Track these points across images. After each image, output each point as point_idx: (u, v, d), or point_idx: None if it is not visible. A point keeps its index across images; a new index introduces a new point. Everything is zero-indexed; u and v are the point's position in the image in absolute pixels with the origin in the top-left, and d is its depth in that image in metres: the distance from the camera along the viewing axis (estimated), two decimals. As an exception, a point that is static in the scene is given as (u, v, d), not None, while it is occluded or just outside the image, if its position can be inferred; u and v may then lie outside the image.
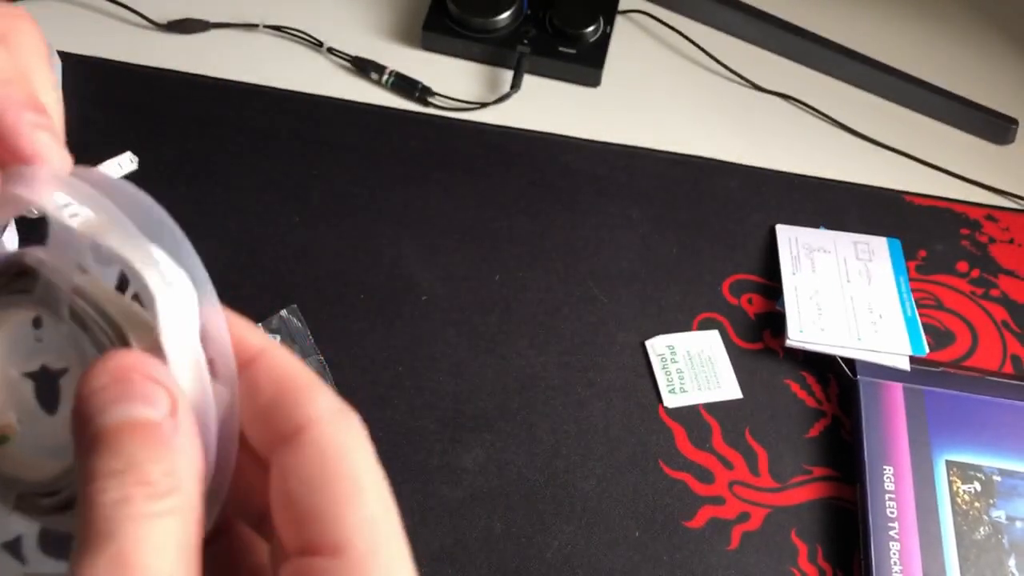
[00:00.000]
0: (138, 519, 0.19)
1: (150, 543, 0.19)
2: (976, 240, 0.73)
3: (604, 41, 0.81)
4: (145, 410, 0.20)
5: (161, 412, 0.21)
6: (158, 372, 0.21)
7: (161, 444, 0.20)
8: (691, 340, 0.66)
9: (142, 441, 0.20)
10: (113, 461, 0.20)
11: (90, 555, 0.19)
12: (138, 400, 0.21)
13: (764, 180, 0.75)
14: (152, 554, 0.19)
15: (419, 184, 0.73)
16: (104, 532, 0.19)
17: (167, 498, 0.20)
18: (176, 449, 0.20)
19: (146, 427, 0.20)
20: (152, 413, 0.21)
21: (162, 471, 0.20)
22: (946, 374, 0.64)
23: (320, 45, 0.80)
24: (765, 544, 0.59)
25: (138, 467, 0.20)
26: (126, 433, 0.20)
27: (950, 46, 0.86)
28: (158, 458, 0.20)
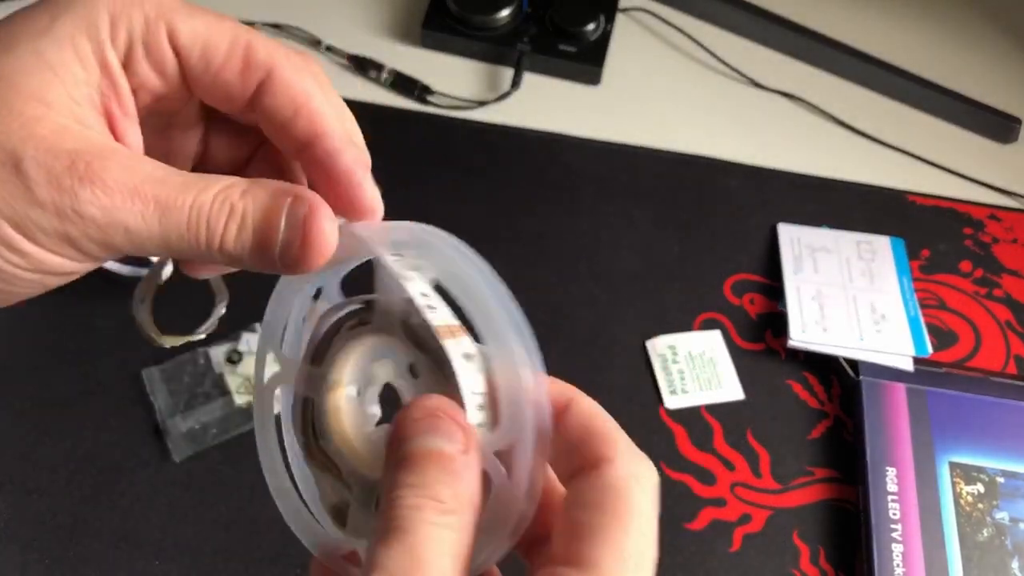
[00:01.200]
0: (427, 524, 0.25)
1: (435, 543, 0.25)
2: (979, 240, 0.72)
3: (605, 39, 0.80)
4: (445, 444, 0.26)
5: (456, 448, 0.26)
6: (460, 417, 0.27)
7: (451, 473, 0.26)
8: (692, 340, 0.66)
9: (438, 467, 0.26)
10: (413, 477, 0.25)
11: (388, 543, 0.24)
12: (441, 435, 0.26)
13: (766, 179, 0.75)
14: (436, 552, 0.24)
15: (418, 183, 0.72)
16: (401, 528, 0.25)
17: (450, 515, 0.25)
18: (462, 479, 0.26)
19: (443, 457, 0.26)
20: (449, 448, 0.26)
21: (450, 493, 0.25)
22: (949, 375, 0.64)
23: (318, 43, 0.80)
24: (767, 546, 0.58)
25: (432, 486, 0.25)
26: (428, 459, 0.26)
27: (954, 45, 0.85)
28: (448, 483, 0.26)
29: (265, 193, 0.29)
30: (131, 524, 0.56)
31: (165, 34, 0.29)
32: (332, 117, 0.30)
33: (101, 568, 0.55)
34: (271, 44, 0.30)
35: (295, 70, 0.30)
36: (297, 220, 0.28)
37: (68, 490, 0.57)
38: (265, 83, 0.30)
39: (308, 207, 0.28)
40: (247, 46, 0.30)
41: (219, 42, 0.29)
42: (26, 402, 0.60)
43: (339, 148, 0.30)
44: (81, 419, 0.60)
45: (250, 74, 0.30)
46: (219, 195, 0.28)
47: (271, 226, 0.28)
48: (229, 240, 0.28)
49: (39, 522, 0.56)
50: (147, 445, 0.59)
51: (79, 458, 0.58)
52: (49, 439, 0.59)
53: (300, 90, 0.30)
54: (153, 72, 0.29)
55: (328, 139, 0.30)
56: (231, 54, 0.29)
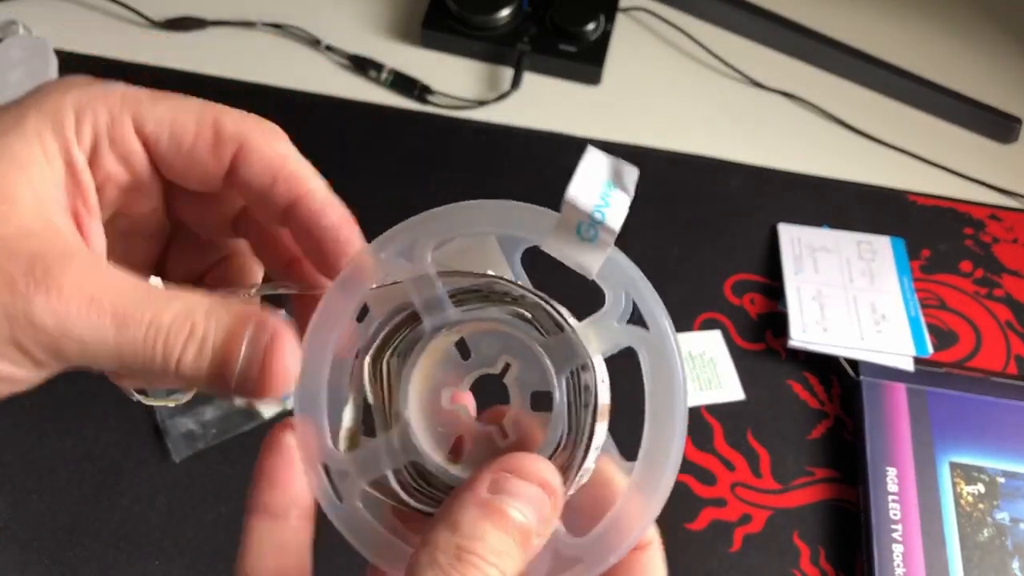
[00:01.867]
0: None
1: None
2: (980, 240, 0.72)
3: (605, 39, 0.80)
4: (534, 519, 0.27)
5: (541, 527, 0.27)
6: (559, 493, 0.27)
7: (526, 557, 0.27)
8: (693, 340, 0.66)
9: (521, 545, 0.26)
10: (501, 543, 0.26)
11: None
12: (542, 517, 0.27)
13: (766, 179, 0.75)
14: None
15: (418, 183, 0.72)
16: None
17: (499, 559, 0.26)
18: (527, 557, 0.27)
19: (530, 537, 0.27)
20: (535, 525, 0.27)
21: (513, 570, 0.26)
22: (950, 375, 0.64)
23: (318, 43, 0.80)
24: (767, 546, 0.58)
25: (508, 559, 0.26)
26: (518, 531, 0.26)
27: (954, 44, 0.85)
28: (519, 565, 0.26)
29: (228, 316, 0.28)
30: (131, 524, 0.56)
31: (131, 125, 0.29)
32: (311, 178, 0.31)
33: (101, 568, 0.55)
34: (238, 115, 0.30)
35: (266, 137, 0.30)
36: (258, 346, 0.27)
37: (68, 490, 0.57)
38: (239, 155, 0.30)
39: (271, 334, 0.27)
40: (215, 121, 0.30)
41: (186, 122, 0.29)
42: (26, 402, 0.60)
43: (322, 208, 0.30)
44: (81, 419, 0.60)
45: (222, 148, 0.30)
46: (181, 313, 0.27)
47: (231, 351, 0.27)
48: (186, 361, 0.27)
49: (39, 522, 0.56)
50: (147, 445, 0.59)
51: (79, 458, 0.58)
52: (49, 439, 0.59)
53: (275, 155, 0.30)
54: (120, 165, 0.29)
55: (310, 199, 0.30)
56: (200, 132, 0.29)
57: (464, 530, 0.26)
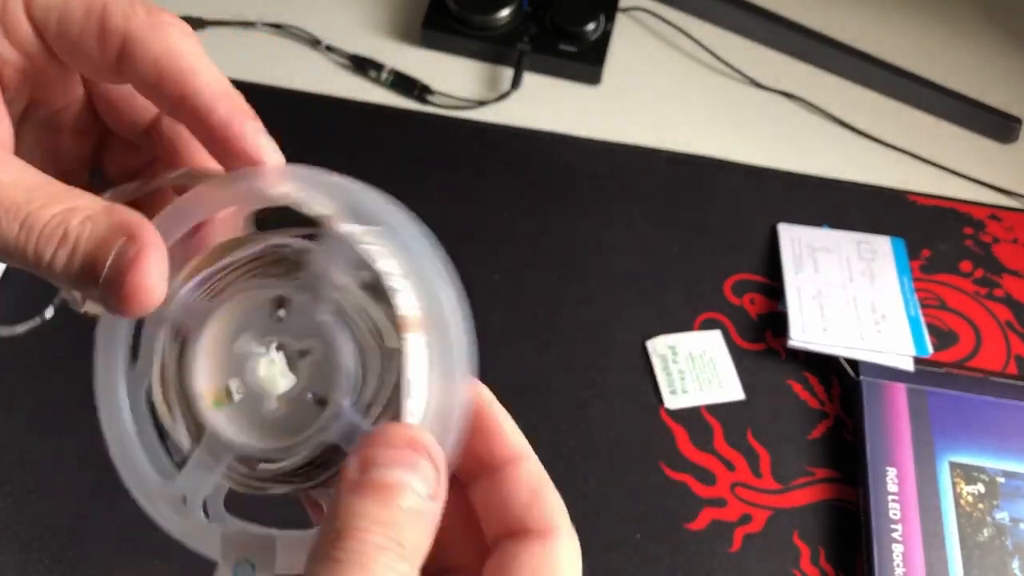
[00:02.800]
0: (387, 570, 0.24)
1: None
2: (980, 240, 0.72)
3: (605, 38, 0.80)
4: (420, 487, 0.25)
5: (427, 492, 0.25)
6: (439, 458, 0.26)
7: (420, 519, 0.25)
8: (693, 340, 0.66)
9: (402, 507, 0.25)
10: (383, 513, 0.24)
11: None
12: (420, 476, 0.25)
13: (766, 179, 0.75)
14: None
15: (418, 183, 0.72)
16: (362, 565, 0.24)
17: (405, 563, 0.24)
18: (427, 527, 0.25)
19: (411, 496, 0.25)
20: (423, 492, 0.25)
21: (411, 540, 0.24)
22: (950, 375, 0.64)
23: (318, 43, 0.80)
24: (767, 546, 0.58)
25: (399, 528, 0.24)
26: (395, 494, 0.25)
27: (954, 44, 0.85)
28: (415, 529, 0.25)
29: (105, 224, 0.27)
30: (131, 524, 0.56)
31: (22, 8, 0.28)
32: (201, 72, 0.29)
33: (101, 568, 0.55)
34: (129, 7, 0.29)
35: (155, 31, 0.29)
36: (123, 259, 0.26)
37: (68, 490, 0.57)
38: (124, 48, 0.29)
39: (138, 249, 0.26)
40: (102, 11, 0.29)
41: (74, 10, 0.29)
42: (26, 402, 0.60)
43: (209, 104, 0.29)
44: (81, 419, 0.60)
45: (108, 40, 0.29)
46: (57, 216, 0.27)
47: (98, 260, 0.27)
48: (57, 265, 0.27)
49: (39, 522, 0.56)
50: (147, 445, 0.59)
51: (79, 458, 0.58)
52: (49, 439, 0.59)
53: (161, 50, 0.29)
54: (13, 50, 0.29)
55: (197, 96, 0.29)
56: (86, 22, 0.29)
57: (341, 513, 0.24)
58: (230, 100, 0.29)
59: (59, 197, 0.27)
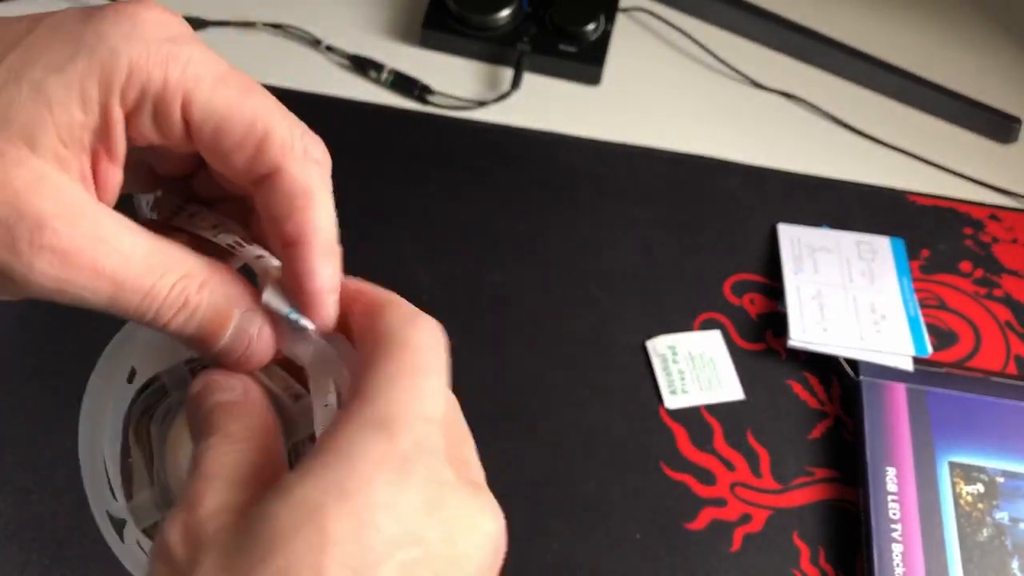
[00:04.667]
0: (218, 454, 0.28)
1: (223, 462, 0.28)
2: (979, 240, 0.72)
3: (605, 39, 0.80)
4: (226, 395, 0.30)
5: (237, 394, 0.30)
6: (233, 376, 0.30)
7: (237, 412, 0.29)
8: (692, 340, 0.66)
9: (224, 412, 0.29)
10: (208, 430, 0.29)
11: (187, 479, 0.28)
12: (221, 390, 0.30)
13: (766, 179, 0.75)
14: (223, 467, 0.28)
15: (418, 183, 0.72)
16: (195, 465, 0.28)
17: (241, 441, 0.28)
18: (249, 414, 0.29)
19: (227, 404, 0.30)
20: (230, 396, 0.30)
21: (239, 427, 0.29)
22: (949, 375, 0.64)
23: (318, 43, 0.80)
24: (767, 546, 0.58)
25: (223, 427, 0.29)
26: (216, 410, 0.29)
27: (953, 44, 0.85)
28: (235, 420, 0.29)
29: (221, 294, 0.30)
30: (131, 524, 0.56)
31: (180, 103, 0.28)
32: (321, 230, 0.30)
33: (101, 568, 0.55)
34: (287, 137, 0.29)
35: (303, 171, 0.30)
36: (243, 334, 0.30)
37: (68, 490, 0.57)
38: (270, 178, 0.29)
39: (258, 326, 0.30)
40: (263, 137, 0.29)
41: (235, 126, 0.29)
42: (26, 402, 0.60)
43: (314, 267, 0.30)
44: (81, 419, 0.60)
45: (258, 166, 0.29)
46: (178, 285, 0.29)
47: (217, 331, 0.30)
48: (173, 327, 0.29)
49: (39, 522, 0.56)
50: (147, 445, 0.59)
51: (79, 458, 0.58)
52: (49, 439, 0.59)
53: (300, 193, 0.29)
54: (156, 133, 0.29)
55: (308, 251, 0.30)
56: (244, 142, 0.29)
57: None
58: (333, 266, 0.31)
59: (172, 265, 0.29)
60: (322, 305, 0.30)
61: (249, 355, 0.30)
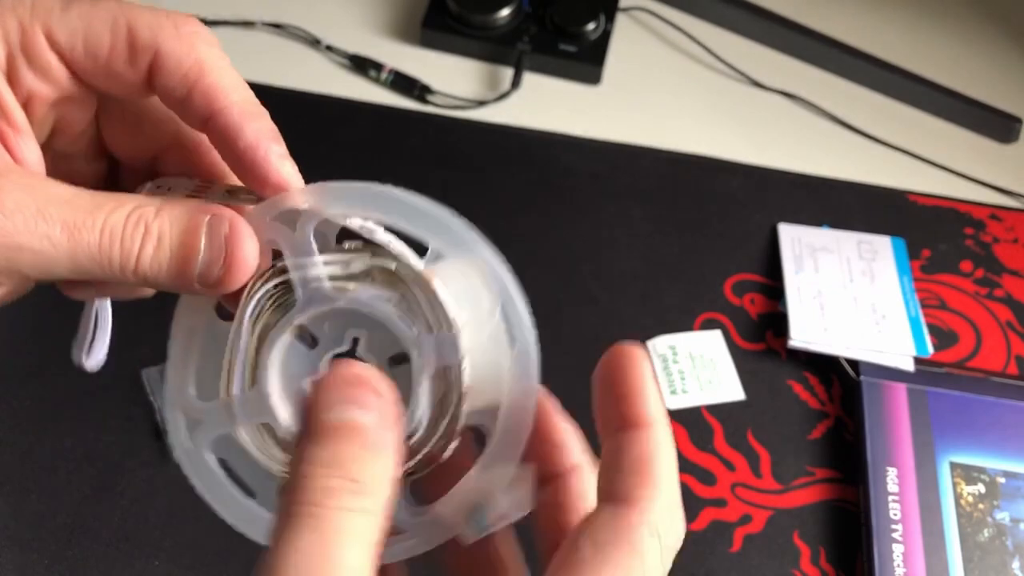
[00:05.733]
0: (341, 510, 0.22)
1: (347, 533, 0.22)
2: (980, 240, 0.72)
3: (605, 38, 0.80)
4: (361, 415, 0.24)
5: (373, 419, 0.24)
6: (382, 386, 0.25)
7: (368, 448, 0.23)
8: (693, 340, 0.66)
9: (353, 442, 0.23)
10: (326, 453, 0.23)
11: (295, 531, 0.22)
12: (357, 405, 0.24)
13: (766, 179, 0.75)
14: (348, 543, 0.22)
15: (418, 183, 0.72)
16: (311, 515, 0.22)
17: (365, 498, 0.23)
18: (380, 456, 0.24)
19: (359, 431, 0.23)
20: (366, 419, 0.24)
21: (366, 473, 0.23)
22: (950, 375, 0.64)
23: (318, 43, 0.80)
24: (767, 546, 0.58)
25: (346, 464, 0.23)
26: (342, 432, 0.23)
27: (954, 44, 0.85)
28: (365, 460, 0.23)
29: (182, 211, 0.28)
30: (131, 524, 0.56)
31: (43, 37, 0.28)
32: (229, 89, 0.28)
33: (101, 568, 0.55)
34: (154, 19, 0.28)
35: (183, 43, 0.28)
36: (218, 239, 0.27)
37: (68, 490, 0.57)
38: (154, 63, 0.28)
39: (229, 225, 0.27)
40: (129, 28, 0.28)
41: (100, 31, 0.28)
42: (26, 402, 0.60)
43: (238, 122, 0.28)
44: (81, 419, 0.60)
45: (138, 57, 0.28)
46: (133, 214, 0.27)
47: (191, 245, 0.27)
48: (145, 261, 0.27)
49: (39, 522, 0.56)
50: (147, 445, 0.59)
51: (79, 458, 0.58)
52: (49, 439, 0.59)
53: (191, 64, 0.28)
54: (40, 80, 0.28)
55: (225, 114, 0.28)
56: (114, 42, 0.28)
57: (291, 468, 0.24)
58: (257, 121, 0.29)
59: (123, 198, 0.27)
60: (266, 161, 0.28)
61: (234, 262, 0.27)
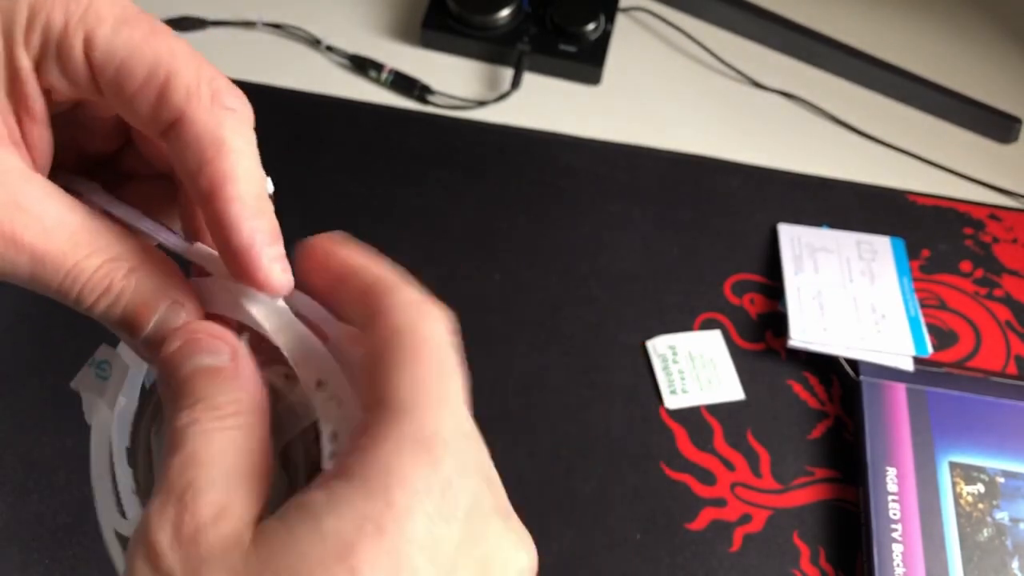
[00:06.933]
0: (205, 432, 0.24)
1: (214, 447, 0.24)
2: (979, 240, 0.72)
3: (605, 39, 0.80)
4: (210, 359, 0.26)
5: (224, 359, 0.26)
6: (219, 331, 0.27)
7: (224, 380, 0.25)
8: (692, 340, 0.66)
9: (208, 380, 0.25)
10: (186, 399, 0.25)
11: (167, 459, 0.24)
12: (205, 352, 0.26)
13: (766, 179, 0.75)
14: (216, 453, 0.24)
15: (418, 183, 0.72)
16: (178, 443, 0.24)
17: (231, 418, 0.25)
18: (239, 384, 0.26)
19: (211, 370, 0.26)
20: (216, 360, 0.26)
21: (227, 399, 0.25)
22: (949, 375, 0.64)
23: (318, 43, 0.80)
24: (767, 546, 0.58)
25: (207, 399, 0.25)
26: (196, 376, 0.26)
27: (954, 44, 0.85)
28: (223, 390, 0.25)
29: (148, 285, 0.27)
30: (131, 524, 0.56)
31: (81, 43, 0.27)
32: (240, 181, 0.27)
33: (101, 568, 0.55)
34: (195, 79, 0.27)
35: (213, 117, 0.27)
36: (165, 327, 0.27)
37: (68, 490, 0.57)
38: (176, 125, 0.27)
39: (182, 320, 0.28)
40: (166, 80, 0.27)
41: (137, 68, 0.27)
42: (26, 402, 0.60)
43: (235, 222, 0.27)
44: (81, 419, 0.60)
45: (162, 112, 0.27)
46: (102, 268, 0.27)
47: (140, 321, 0.28)
48: (97, 311, 0.28)
49: (39, 522, 0.56)
50: (147, 445, 0.59)
51: (79, 458, 0.58)
52: (49, 439, 0.59)
53: (210, 142, 0.27)
54: (63, 79, 0.27)
55: (226, 206, 0.27)
56: (146, 85, 0.27)
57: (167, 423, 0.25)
58: (257, 221, 0.28)
59: (101, 245, 0.27)
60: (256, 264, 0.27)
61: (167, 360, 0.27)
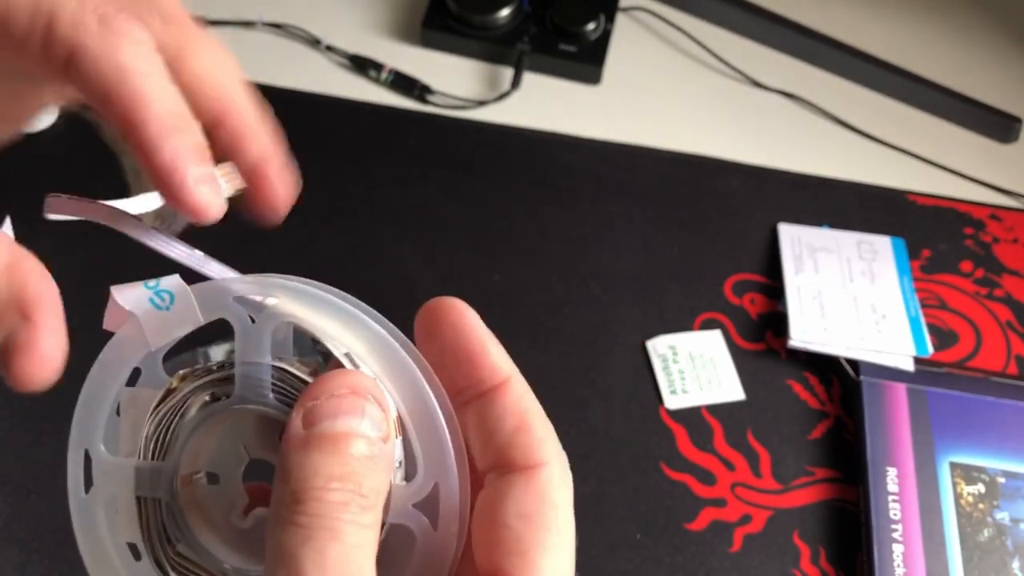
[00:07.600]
0: (356, 525, 0.22)
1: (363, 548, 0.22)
2: (980, 240, 0.72)
3: (605, 38, 0.80)
4: (370, 431, 0.23)
5: (378, 435, 0.24)
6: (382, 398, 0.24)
7: (374, 465, 0.23)
8: (693, 340, 0.66)
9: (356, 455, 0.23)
10: (337, 466, 0.23)
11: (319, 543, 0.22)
12: (366, 419, 0.23)
13: (766, 179, 0.75)
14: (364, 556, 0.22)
15: (418, 183, 0.72)
16: (330, 529, 0.22)
17: (370, 512, 0.23)
18: (383, 470, 0.24)
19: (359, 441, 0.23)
20: (374, 435, 0.23)
21: (370, 488, 0.23)
22: (950, 375, 0.64)
23: (318, 43, 0.80)
24: (767, 546, 0.58)
25: (357, 479, 0.23)
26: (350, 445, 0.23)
27: (954, 44, 0.85)
28: (371, 476, 0.23)
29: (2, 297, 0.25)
30: (131, 524, 0.56)
31: None
32: (152, 100, 0.26)
33: (101, 568, 0.55)
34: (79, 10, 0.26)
35: (106, 43, 0.26)
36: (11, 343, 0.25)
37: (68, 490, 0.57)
38: (72, 60, 0.26)
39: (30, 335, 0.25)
40: (49, 19, 0.26)
41: (18, 13, 0.26)
42: (26, 402, 0.60)
43: (155, 141, 0.25)
44: (81, 419, 0.60)
45: (53, 50, 0.26)
46: None
47: None
48: None
49: (39, 522, 0.56)
50: (147, 445, 0.59)
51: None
52: (49, 439, 0.59)
53: (111, 69, 0.25)
54: None
55: (143, 128, 0.25)
56: (31, 28, 0.26)
57: (294, 473, 0.23)
58: (179, 137, 0.26)
59: None
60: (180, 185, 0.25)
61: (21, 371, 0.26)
